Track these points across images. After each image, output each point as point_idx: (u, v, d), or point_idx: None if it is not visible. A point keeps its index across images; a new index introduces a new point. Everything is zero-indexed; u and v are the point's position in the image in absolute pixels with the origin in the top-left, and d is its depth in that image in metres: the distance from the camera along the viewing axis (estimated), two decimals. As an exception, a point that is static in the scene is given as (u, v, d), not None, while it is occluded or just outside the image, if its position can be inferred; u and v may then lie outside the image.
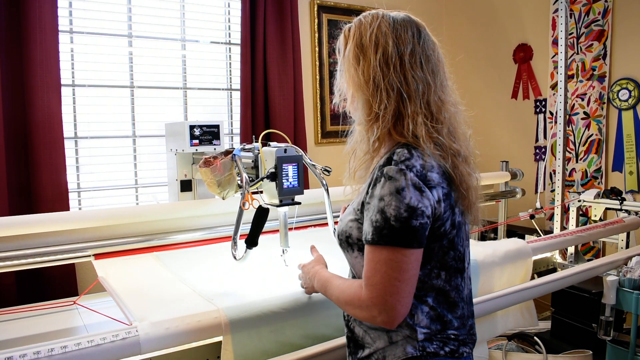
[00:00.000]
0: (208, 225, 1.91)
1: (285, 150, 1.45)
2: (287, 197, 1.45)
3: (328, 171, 1.59)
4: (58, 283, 2.48)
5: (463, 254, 1.09)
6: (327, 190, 1.60)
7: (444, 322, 1.06)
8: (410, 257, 0.96)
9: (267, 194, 1.49)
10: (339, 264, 1.59)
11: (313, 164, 1.60)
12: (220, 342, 1.21)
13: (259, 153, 1.52)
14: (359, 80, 1.05)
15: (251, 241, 1.35)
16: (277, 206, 1.45)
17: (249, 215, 1.37)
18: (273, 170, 1.42)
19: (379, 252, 0.97)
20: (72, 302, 1.59)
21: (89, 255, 1.69)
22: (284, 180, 1.42)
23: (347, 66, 1.07)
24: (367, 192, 1.02)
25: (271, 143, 1.54)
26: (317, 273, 1.23)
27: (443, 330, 1.06)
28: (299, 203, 1.47)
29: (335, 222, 1.94)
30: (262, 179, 1.44)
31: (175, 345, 1.18)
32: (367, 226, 1.00)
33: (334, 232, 1.59)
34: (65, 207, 2.51)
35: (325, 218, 2.11)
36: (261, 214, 1.35)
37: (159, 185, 2.96)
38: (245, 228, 1.37)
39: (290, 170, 1.43)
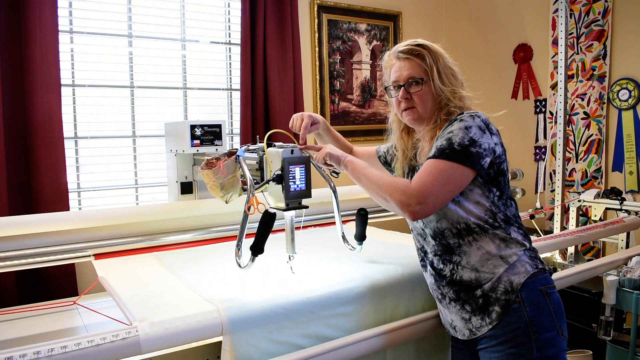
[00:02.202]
0: (208, 225, 1.90)
1: (292, 151, 1.38)
2: (294, 201, 1.38)
3: (337, 173, 1.55)
4: (58, 283, 2.48)
5: None
6: (335, 193, 1.56)
7: (529, 239, 1.36)
8: (459, 172, 1.24)
9: (273, 197, 1.43)
10: (339, 266, 1.59)
11: (320, 166, 1.56)
12: (220, 342, 1.21)
13: (264, 154, 1.47)
14: (456, 83, 1.40)
15: (257, 248, 1.29)
16: (284, 210, 1.39)
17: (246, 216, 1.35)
18: (279, 172, 1.36)
19: (437, 163, 1.24)
20: (72, 302, 1.58)
21: (89, 255, 1.69)
22: (290, 183, 1.36)
23: (448, 75, 1.39)
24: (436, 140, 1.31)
25: (276, 143, 1.49)
26: (354, 160, 1.41)
27: (531, 245, 1.35)
28: (307, 207, 1.42)
29: (344, 222, 1.93)
30: (267, 182, 1.38)
31: (175, 345, 1.18)
32: (432, 150, 1.28)
33: (343, 236, 1.59)
34: (65, 207, 2.51)
35: (327, 218, 2.12)
36: (268, 220, 1.29)
37: (159, 185, 2.96)
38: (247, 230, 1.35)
39: (297, 172, 1.37)
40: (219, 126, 2.20)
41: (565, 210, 2.69)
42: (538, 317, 1.25)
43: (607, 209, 2.54)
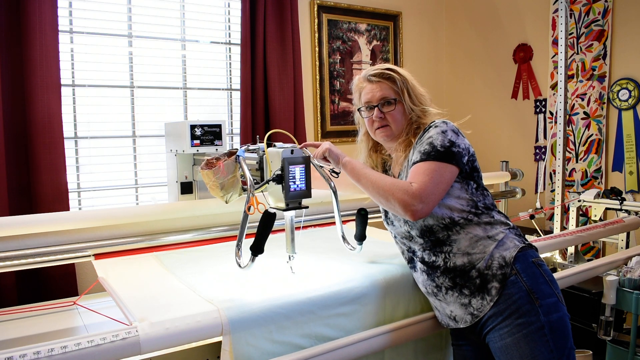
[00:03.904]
0: (208, 225, 1.90)
1: (292, 151, 1.38)
2: (294, 201, 1.39)
3: (337, 173, 1.55)
4: (58, 283, 2.48)
5: None
6: (335, 193, 1.56)
7: (510, 220, 1.43)
8: (447, 170, 1.34)
9: (273, 197, 1.43)
10: (339, 266, 1.59)
11: (320, 165, 1.56)
12: (220, 342, 1.21)
13: (264, 154, 1.47)
14: (425, 101, 1.52)
15: (257, 248, 1.29)
16: (284, 210, 1.39)
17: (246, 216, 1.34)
18: (279, 172, 1.36)
19: (427, 165, 1.33)
20: (72, 303, 1.58)
21: (89, 255, 1.69)
22: (290, 183, 1.36)
23: (418, 95, 1.50)
24: (414, 148, 1.42)
25: (276, 143, 1.48)
26: (352, 160, 1.49)
27: (514, 225, 1.42)
28: (307, 207, 1.42)
29: (344, 222, 1.92)
30: (267, 182, 1.38)
31: (175, 345, 1.18)
32: (415, 155, 1.38)
33: (343, 236, 1.59)
34: (65, 207, 2.51)
35: (326, 218, 2.12)
36: (268, 220, 1.28)
37: (159, 185, 2.96)
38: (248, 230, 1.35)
39: (297, 172, 1.37)
40: (219, 126, 2.20)
41: (565, 210, 2.70)
42: (536, 285, 1.31)
43: (607, 209, 2.54)
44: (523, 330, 1.27)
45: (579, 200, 2.59)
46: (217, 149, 2.19)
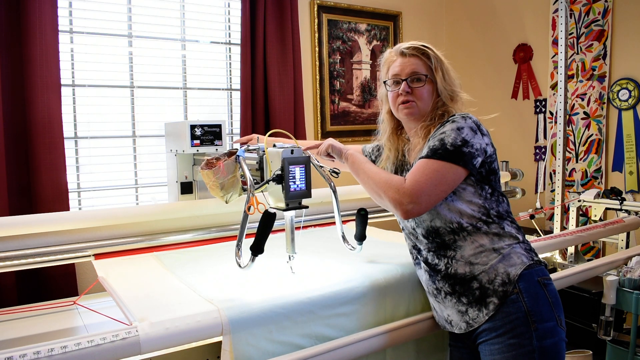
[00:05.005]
0: (208, 225, 1.90)
1: (292, 151, 1.38)
2: (294, 201, 1.38)
3: (337, 173, 1.55)
4: (58, 283, 2.48)
5: None
6: (335, 193, 1.56)
7: (522, 233, 1.38)
8: (451, 171, 1.27)
9: (273, 197, 1.43)
10: (339, 266, 1.59)
11: (320, 165, 1.55)
12: (220, 342, 1.21)
13: (264, 154, 1.47)
14: (456, 85, 1.47)
15: (257, 248, 1.29)
16: (284, 210, 1.39)
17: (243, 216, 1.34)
18: (279, 172, 1.36)
19: (430, 163, 1.28)
20: (72, 302, 1.58)
21: (89, 255, 1.69)
22: (290, 183, 1.36)
23: (450, 77, 1.46)
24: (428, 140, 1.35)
25: (276, 143, 1.49)
26: (355, 153, 1.48)
27: (524, 238, 1.37)
28: (307, 207, 1.42)
29: (344, 222, 1.91)
30: (267, 182, 1.38)
31: (175, 345, 1.18)
32: (424, 150, 1.32)
33: (343, 236, 1.59)
34: (65, 207, 2.51)
35: (327, 218, 2.12)
36: (268, 220, 1.28)
37: (159, 185, 2.96)
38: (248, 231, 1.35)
39: (297, 172, 1.37)
40: (219, 126, 2.20)
41: (565, 210, 2.70)
42: (537, 307, 1.27)
43: (607, 209, 2.54)
44: (513, 351, 1.26)
45: (579, 200, 2.59)
46: (217, 149, 2.19)
